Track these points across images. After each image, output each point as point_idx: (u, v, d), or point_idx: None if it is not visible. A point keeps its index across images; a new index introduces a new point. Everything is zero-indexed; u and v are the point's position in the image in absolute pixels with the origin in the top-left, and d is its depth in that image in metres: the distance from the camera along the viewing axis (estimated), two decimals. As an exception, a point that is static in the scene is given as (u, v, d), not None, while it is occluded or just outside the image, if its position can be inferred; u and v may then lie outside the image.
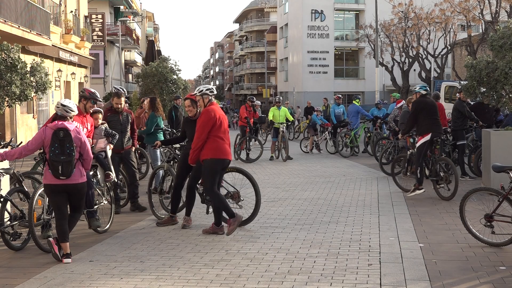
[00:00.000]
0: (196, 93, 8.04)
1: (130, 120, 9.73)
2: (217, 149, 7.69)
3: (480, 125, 12.85)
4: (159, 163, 11.01)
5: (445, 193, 10.23)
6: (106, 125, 8.95)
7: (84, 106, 8.25)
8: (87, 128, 8.16)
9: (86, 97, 8.27)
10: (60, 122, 6.55)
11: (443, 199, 10.06)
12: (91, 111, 8.46)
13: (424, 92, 10.75)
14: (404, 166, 11.36)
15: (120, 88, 11.17)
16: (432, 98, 13.93)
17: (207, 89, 8.00)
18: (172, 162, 9.18)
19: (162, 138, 11.34)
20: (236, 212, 7.66)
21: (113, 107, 9.61)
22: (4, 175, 7.24)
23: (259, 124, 19.65)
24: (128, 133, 9.70)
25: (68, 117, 6.66)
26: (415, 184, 10.49)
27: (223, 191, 8.07)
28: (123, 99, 9.68)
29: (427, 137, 10.31)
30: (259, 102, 22.15)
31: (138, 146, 11.10)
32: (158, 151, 11.25)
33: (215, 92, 8.14)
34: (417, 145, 10.48)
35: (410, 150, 11.19)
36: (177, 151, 9.55)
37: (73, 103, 6.80)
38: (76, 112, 6.82)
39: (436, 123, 10.47)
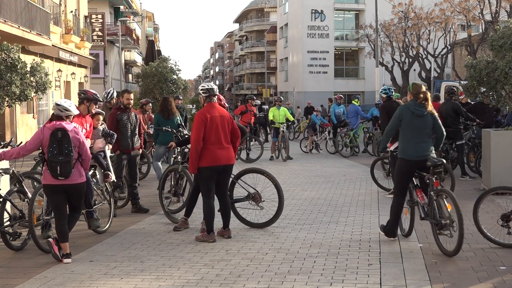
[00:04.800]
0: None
1: (138, 121, 9.74)
2: (203, 156, 7.33)
3: (477, 123, 12.87)
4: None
5: None
6: (104, 125, 8.95)
7: (87, 108, 8.23)
8: (86, 129, 8.15)
9: (89, 98, 8.24)
10: (58, 123, 6.52)
11: None
12: (94, 112, 8.45)
13: (384, 96, 10.63)
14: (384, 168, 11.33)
15: (113, 88, 11.28)
16: (432, 99, 13.92)
17: (200, 88, 7.63)
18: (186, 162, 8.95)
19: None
20: (214, 233, 7.37)
21: (122, 105, 9.60)
22: (3, 175, 7.24)
23: (257, 124, 19.66)
24: (137, 133, 9.68)
25: (65, 117, 6.63)
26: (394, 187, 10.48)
27: (243, 193, 8.00)
28: (132, 95, 9.70)
29: (397, 144, 10.34)
30: (258, 102, 22.14)
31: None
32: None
33: (211, 91, 7.51)
34: (390, 150, 10.47)
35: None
36: None
37: (69, 102, 6.73)
38: (74, 112, 6.75)
39: None
